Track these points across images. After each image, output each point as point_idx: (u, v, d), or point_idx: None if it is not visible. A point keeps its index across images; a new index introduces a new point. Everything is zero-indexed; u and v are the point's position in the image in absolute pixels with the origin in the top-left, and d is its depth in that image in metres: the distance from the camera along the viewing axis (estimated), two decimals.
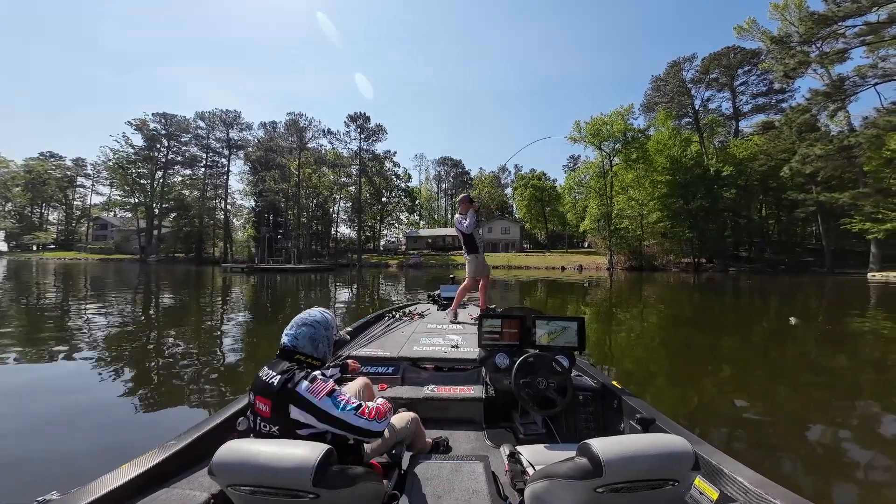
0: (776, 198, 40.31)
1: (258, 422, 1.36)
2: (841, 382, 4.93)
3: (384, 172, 65.14)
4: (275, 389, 1.31)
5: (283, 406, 1.30)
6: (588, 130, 42.50)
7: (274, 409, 1.31)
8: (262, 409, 1.33)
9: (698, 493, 1.48)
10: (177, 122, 58.91)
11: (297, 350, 1.46)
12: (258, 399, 1.34)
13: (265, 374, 1.38)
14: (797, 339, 7.25)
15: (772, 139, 37.80)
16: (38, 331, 7.11)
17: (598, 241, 45.11)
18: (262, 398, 1.33)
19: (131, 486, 1.34)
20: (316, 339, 1.49)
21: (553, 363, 2.35)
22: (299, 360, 1.43)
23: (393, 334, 3.81)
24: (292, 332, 1.48)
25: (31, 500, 1.18)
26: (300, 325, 1.49)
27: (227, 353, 5.89)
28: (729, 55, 46.76)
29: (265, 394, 1.33)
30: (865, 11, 25.90)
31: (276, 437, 1.30)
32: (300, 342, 1.47)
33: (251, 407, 1.39)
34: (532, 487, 1.31)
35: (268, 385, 1.33)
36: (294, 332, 1.48)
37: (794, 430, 3.48)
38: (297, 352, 1.46)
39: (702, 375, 5.16)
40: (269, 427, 1.33)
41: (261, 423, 1.35)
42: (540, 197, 64.09)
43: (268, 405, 1.31)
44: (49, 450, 2.84)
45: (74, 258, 58.45)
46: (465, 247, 4.85)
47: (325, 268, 43.50)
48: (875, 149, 26.63)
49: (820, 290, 19.21)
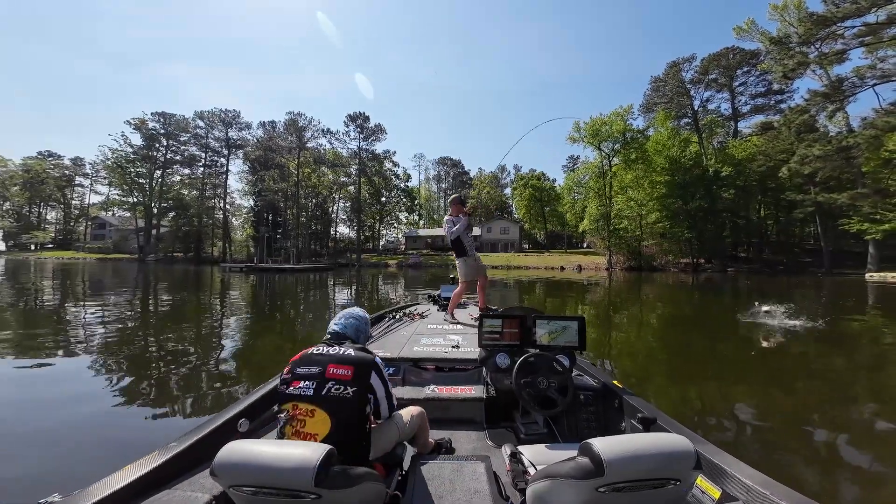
0: (775, 198, 40.41)
1: (328, 388, 1.48)
2: (841, 381, 4.94)
3: (383, 172, 65.09)
4: (357, 359, 1.56)
5: (367, 373, 1.56)
6: (587, 131, 42.53)
7: (356, 374, 1.53)
8: (339, 373, 1.51)
9: (700, 493, 1.48)
10: (176, 121, 58.79)
11: (347, 336, 1.73)
12: (333, 366, 1.52)
13: (325, 349, 1.61)
14: (796, 339, 7.26)
15: (770, 140, 37.91)
16: (36, 331, 7.09)
17: (597, 241, 45.17)
18: (341, 365, 1.53)
19: (133, 487, 1.34)
20: (359, 330, 1.79)
21: (554, 363, 2.35)
22: (349, 344, 1.69)
23: (393, 335, 3.80)
24: (342, 322, 1.77)
25: (34, 502, 1.17)
26: (348, 318, 1.79)
27: (226, 354, 5.89)
28: (728, 56, 46.86)
29: (343, 361, 1.55)
30: (864, 12, 25.98)
31: (348, 398, 1.48)
32: (348, 331, 1.75)
33: (301, 378, 1.51)
34: (534, 487, 1.31)
35: (343, 355, 1.57)
36: (343, 322, 1.77)
37: (796, 429, 3.49)
38: (348, 337, 1.73)
39: (702, 374, 5.17)
40: (344, 388, 1.48)
41: (332, 386, 1.48)
42: (539, 197, 64.10)
43: (349, 370, 1.52)
44: (50, 451, 2.83)
45: (72, 258, 58.31)
46: (454, 250, 4.84)
47: (324, 267, 43.46)
48: (873, 149, 26.71)
49: (818, 290, 19.26)
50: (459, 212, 4.77)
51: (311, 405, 1.45)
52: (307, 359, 1.58)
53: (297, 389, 1.49)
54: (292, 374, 1.54)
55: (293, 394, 1.49)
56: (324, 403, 1.45)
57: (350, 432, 1.48)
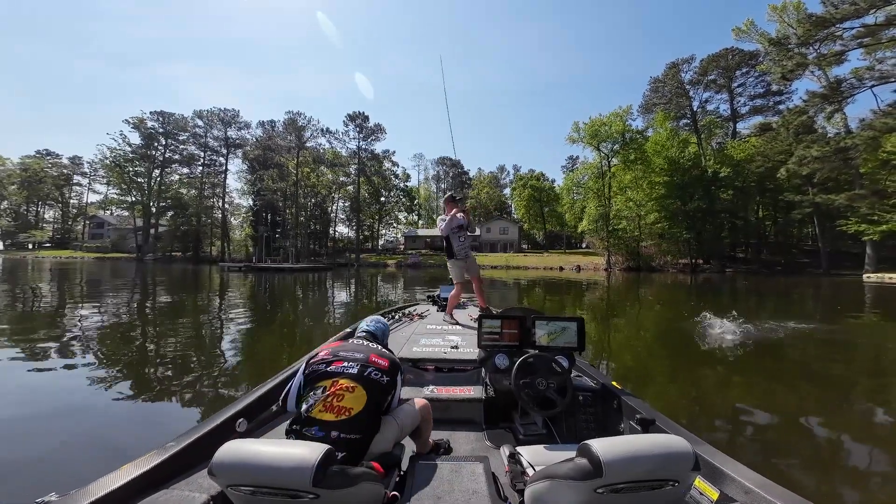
0: (773, 199, 40.51)
1: (369, 371, 1.68)
2: (840, 382, 4.96)
3: (383, 172, 65.06)
4: (391, 356, 1.86)
5: (396, 370, 1.83)
6: (587, 131, 42.60)
7: (391, 368, 1.78)
8: (379, 363, 1.74)
9: (698, 494, 1.48)
10: (175, 120, 58.69)
11: (377, 336, 2.03)
12: (374, 356, 1.76)
13: (365, 342, 1.89)
14: (796, 340, 7.28)
15: (769, 141, 38.00)
16: (34, 331, 7.07)
17: (596, 241, 45.24)
18: (380, 357, 1.78)
19: (130, 487, 1.33)
20: (385, 333, 2.13)
21: (553, 363, 2.34)
22: (380, 342, 2.00)
23: (392, 335, 3.80)
24: (373, 325, 2.09)
25: (31, 501, 1.17)
26: (378, 322, 2.13)
27: (224, 354, 5.88)
28: (727, 57, 46.98)
29: (383, 355, 1.81)
30: (863, 14, 26.06)
31: (384, 384, 1.70)
32: (377, 332, 2.06)
33: (345, 360, 1.69)
34: (532, 488, 1.31)
35: (382, 351, 1.85)
36: (374, 326, 2.09)
37: (794, 430, 3.49)
38: (377, 337, 2.03)
39: (701, 375, 5.18)
40: (381, 375, 1.71)
41: (372, 371, 1.69)
42: (538, 197, 64.18)
43: (387, 363, 1.77)
44: (47, 451, 2.82)
45: (70, 257, 58.13)
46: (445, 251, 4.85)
47: (323, 267, 43.43)
48: (871, 151, 26.81)
49: (816, 290, 19.32)
50: (454, 209, 4.71)
51: (354, 382, 1.62)
52: (351, 346, 1.81)
53: (340, 368, 1.66)
54: (335, 356, 1.72)
55: (336, 371, 1.65)
56: (365, 382, 1.64)
57: (376, 415, 1.66)
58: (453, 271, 4.81)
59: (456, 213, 4.70)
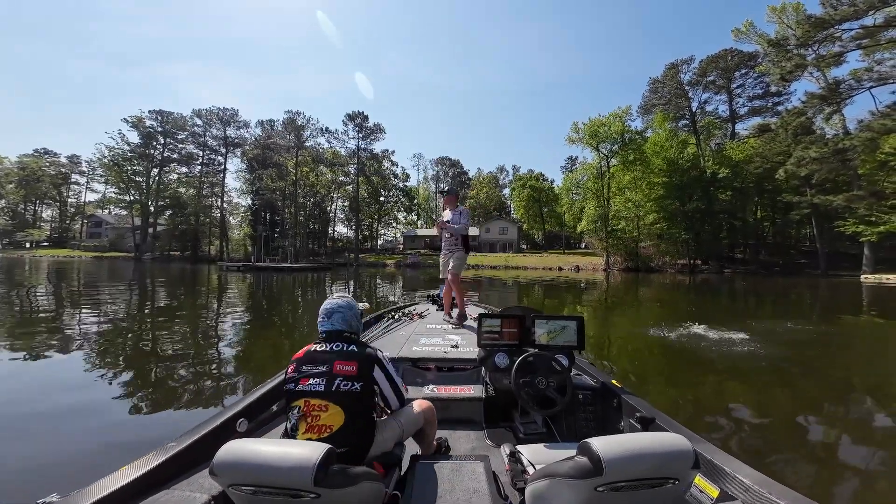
0: (771, 200, 40.62)
1: (337, 384, 1.53)
2: (838, 380, 4.98)
3: (382, 172, 65.01)
4: (360, 354, 1.63)
5: (370, 367, 1.63)
6: (586, 132, 42.66)
7: (360, 369, 1.58)
8: (346, 370, 1.56)
9: (698, 492, 1.49)
10: (173, 119, 58.53)
11: (342, 331, 1.73)
12: (339, 363, 1.57)
13: (328, 346, 1.65)
14: (794, 340, 7.31)
15: (768, 142, 38.09)
16: (32, 331, 7.05)
17: (595, 241, 45.28)
18: (346, 362, 1.58)
19: (131, 487, 1.33)
20: (347, 318, 1.76)
21: (553, 362, 2.35)
22: (347, 337, 1.71)
23: (392, 335, 3.80)
24: (329, 321, 1.74)
25: (32, 502, 1.17)
26: (332, 314, 1.74)
27: (224, 354, 5.87)
28: (726, 58, 47.11)
29: (348, 357, 1.60)
30: (862, 15, 26.15)
31: (357, 392, 1.55)
32: (338, 325, 1.73)
33: (310, 376, 1.55)
34: (532, 487, 1.31)
35: (347, 352, 1.62)
36: (331, 321, 1.74)
37: (794, 428, 3.51)
38: (343, 332, 1.73)
39: (700, 374, 5.19)
40: (352, 384, 1.55)
41: (341, 382, 1.54)
42: (538, 197, 64.21)
43: (354, 365, 1.58)
44: (48, 452, 2.81)
45: (68, 256, 57.96)
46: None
47: (321, 267, 43.37)
48: (869, 152, 26.91)
49: (813, 291, 19.38)
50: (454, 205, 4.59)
51: (324, 400, 1.50)
52: (312, 356, 1.62)
53: (307, 386, 1.53)
54: (299, 373, 1.58)
55: (305, 390, 1.53)
56: (336, 398, 1.51)
57: (361, 424, 1.56)
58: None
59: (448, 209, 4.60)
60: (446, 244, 4.62)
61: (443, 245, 4.67)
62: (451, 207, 4.59)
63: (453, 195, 4.61)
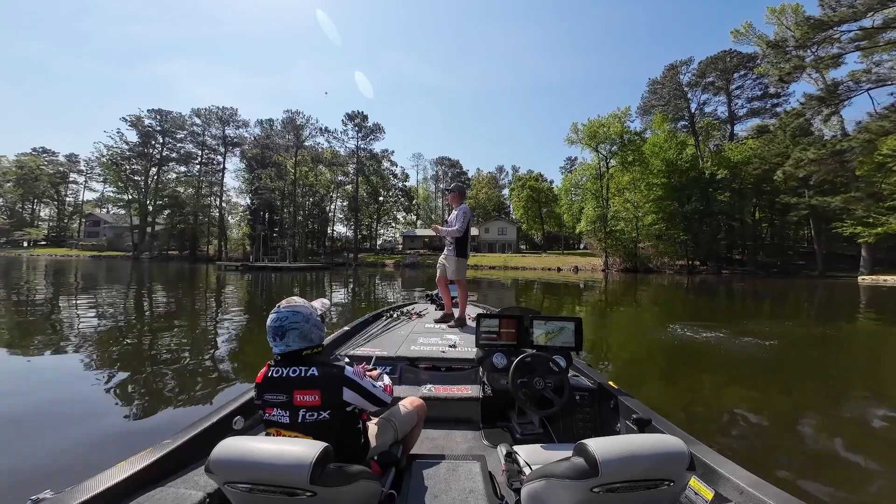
0: (769, 201, 40.74)
1: (301, 415, 1.35)
2: (833, 382, 4.99)
3: (381, 171, 64.97)
4: (322, 379, 1.37)
5: (337, 390, 1.38)
6: (585, 132, 42.75)
7: (325, 395, 1.36)
8: (307, 400, 1.35)
9: (693, 494, 1.49)
10: (172, 118, 58.38)
11: (301, 350, 1.45)
12: (299, 393, 1.36)
13: (284, 371, 1.39)
14: (791, 341, 7.33)
15: (766, 143, 38.20)
16: (28, 329, 7.03)
17: (593, 242, 45.37)
18: (306, 390, 1.36)
19: (126, 484, 1.33)
20: (304, 332, 1.45)
21: (550, 363, 2.35)
22: (307, 356, 1.45)
23: (390, 334, 3.80)
24: (282, 342, 1.44)
25: (25, 498, 1.17)
26: (284, 333, 1.43)
27: (221, 353, 5.86)
28: (725, 59, 47.25)
29: (308, 385, 1.36)
30: (861, 16, 26.23)
31: (327, 420, 1.36)
32: (295, 345, 1.44)
33: (273, 406, 1.38)
34: (528, 487, 1.32)
35: (307, 378, 1.37)
36: (285, 342, 1.44)
37: (788, 431, 3.52)
38: (301, 351, 1.45)
39: (697, 376, 5.20)
40: (318, 414, 1.35)
41: (305, 413, 1.35)
42: (537, 198, 64.26)
43: (316, 394, 1.36)
44: (42, 448, 2.80)
45: (66, 255, 57.79)
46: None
47: (320, 267, 43.35)
48: (867, 153, 27.00)
49: (811, 292, 19.43)
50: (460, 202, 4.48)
51: (293, 432, 1.36)
52: (270, 383, 1.40)
53: (273, 416, 1.38)
54: (263, 400, 1.40)
55: (271, 420, 1.39)
56: (304, 429, 1.35)
57: (346, 441, 1.44)
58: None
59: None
60: (445, 245, 4.58)
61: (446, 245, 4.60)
62: (455, 205, 4.47)
63: (456, 192, 4.48)
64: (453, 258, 4.42)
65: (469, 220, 4.41)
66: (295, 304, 1.50)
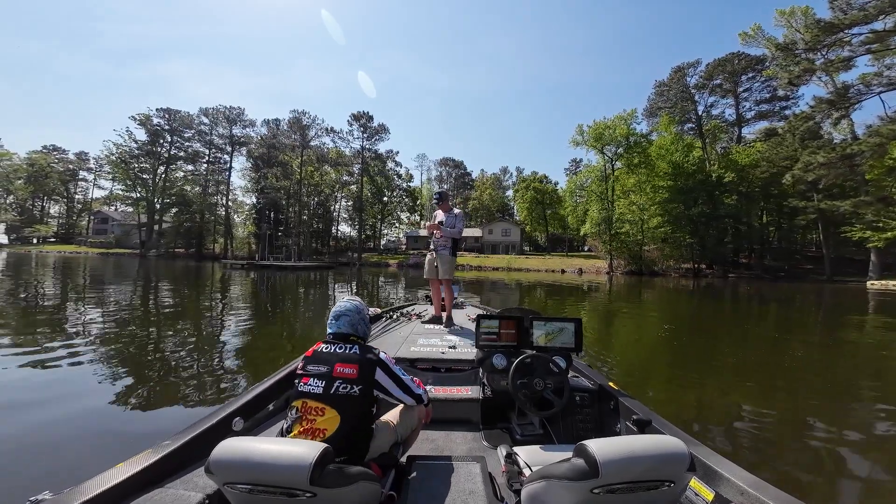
0: (777, 205, 40.30)
1: (336, 386, 1.54)
2: (834, 386, 4.93)
3: (386, 172, 65.12)
4: (361, 357, 1.62)
5: (371, 370, 1.62)
6: (590, 134, 42.55)
7: (361, 372, 1.58)
8: (346, 372, 1.57)
9: (693, 495, 1.49)
10: (180, 117, 58.97)
11: (348, 334, 1.75)
12: (340, 365, 1.58)
13: (332, 347, 1.67)
14: (795, 344, 7.25)
15: (774, 146, 37.80)
16: (34, 325, 7.11)
17: (598, 244, 45.11)
18: (346, 363, 1.59)
19: (126, 485, 1.33)
20: (354, 323, 1.77)
21: (550, 364, 2.35)
22: (353, 340, 1.73)
23: (390, 335, 3.80)
24: (336, 323, 1.76)
25: (24, 499, 1.16)
26: (339, 317, 1.76)
27: (224, 352, 5.89)
28: (733, 61, 46.83)
29: (348, 360, 1.60)
30: (872, 19, 25.91)
31: (355, 396, 1.54)
32: (345, 329, 1.75)
33: (311, 376, 1.57)
34: (529, 488, 1.31)
35: (349, 355, 1.63)
36: (338, 324, 1.75)
37: (789, 432, 3.48)
38: (348, 335, 1.74)
39: (697, 378, 5.16)
40: (351, 388, 1.55)
41: (340, 385, 1.54)
42: (541, 199, 64.04)
43: (355, 369, 1.58)
44: (42, 448, 2.79)
45: (74, 252, 58.46)
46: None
47: (325, 266, 43.50)
48: (877, 157, 26.64)
49: (818, 296, 19.19)
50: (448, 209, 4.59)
51: (321, 403, 1.51)
52: (317, 356, 1.65)
53: (307, 387, 1.55)
54: (304, 370, 1.60)
55: (304, 391, 1.55)
56: (333, 401, 1.51)
57: (356, 429, 1.55)
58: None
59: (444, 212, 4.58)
60: (435, 244, 4.52)
61: (431, 243, 4.57)
62: (444, 210, 4.54)
63: (445, 200, 4.59)
64: (448, 256, 4.42)
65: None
66: (353, 300, 1.87)
